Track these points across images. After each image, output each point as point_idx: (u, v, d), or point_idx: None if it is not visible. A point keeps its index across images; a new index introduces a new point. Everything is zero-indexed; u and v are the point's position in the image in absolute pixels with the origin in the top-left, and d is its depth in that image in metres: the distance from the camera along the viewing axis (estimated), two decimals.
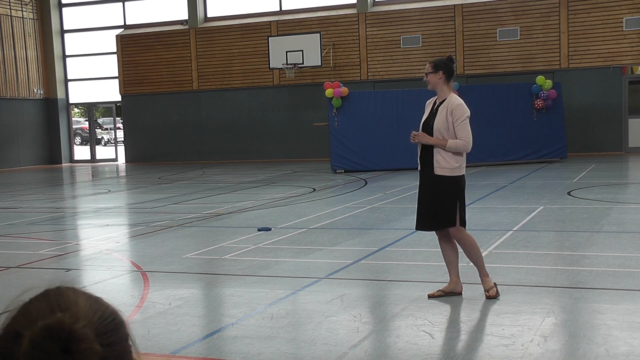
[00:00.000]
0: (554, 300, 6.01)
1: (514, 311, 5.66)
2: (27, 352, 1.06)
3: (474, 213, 11.17)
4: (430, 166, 6.12)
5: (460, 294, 6.18)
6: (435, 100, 6.28)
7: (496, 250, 8.10)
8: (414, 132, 6.23)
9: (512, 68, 23.30)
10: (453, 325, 5.46)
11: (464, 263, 6.76)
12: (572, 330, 5.23)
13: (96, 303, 1.16)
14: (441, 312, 5.76)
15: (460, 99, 6.20)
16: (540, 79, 20.11)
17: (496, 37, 23.45)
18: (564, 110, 20.85)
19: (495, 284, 6.13)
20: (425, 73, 6.24)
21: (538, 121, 20.14)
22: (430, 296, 6.15)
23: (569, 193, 13.19)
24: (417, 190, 6.36)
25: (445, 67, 6.15)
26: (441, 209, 6.09)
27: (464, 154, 6.16)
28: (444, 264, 6.37)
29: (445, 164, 6.05)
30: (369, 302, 6.29)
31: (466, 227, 6.25)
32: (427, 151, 6.17)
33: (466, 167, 6.36)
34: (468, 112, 6.12)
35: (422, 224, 6.29)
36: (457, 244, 6.26)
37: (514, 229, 9.56)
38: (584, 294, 6.17)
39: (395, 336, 5.31)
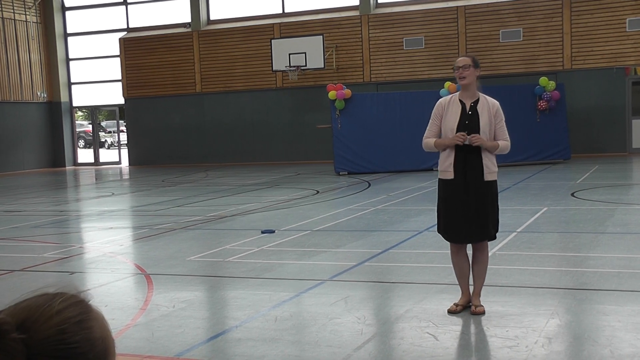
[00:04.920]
0: (558, 301, 6.00)
1: (518, 313, 5.65)
2: None
3: None
4: (479, 172, 5.69)
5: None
6: (461, 100, 5.77)
7: (500, 252, 8.09)
8: (463, 135, 5.60)
9: (515, 69, 23.28)
10: (457, 327, 5.45)
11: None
12: (577, 331, 5.22)
13: (75, 325, 1.14)
14: (445, 314, 5.75)
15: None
16: (543, 80, 20.09)
17: (499, 38, 23.44)
18: (567, 111, 20.83)
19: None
20: (464, 66, 5.67)
21: (541, 122, 20.13)
22: (450, 312, 5.74)
23: (572, 194, 13.17)
24: (453, 201, 5.75)
25: (480, 65, 5.85)
26: (492, 216, 5.77)
27: None
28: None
29: (494, 168, 5.76)
30: (373, 304, 6.28)
31: None
32: (472, 156, 5.67)
33: None
34: None
35: (472, 236, 5.78)
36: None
37: (518, 230, 9.55)
38: (589, 295, 6.16)
39: (399, 338, 5.30)
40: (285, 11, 26.35)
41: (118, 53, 28.39)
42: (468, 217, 5.70)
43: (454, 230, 5.78)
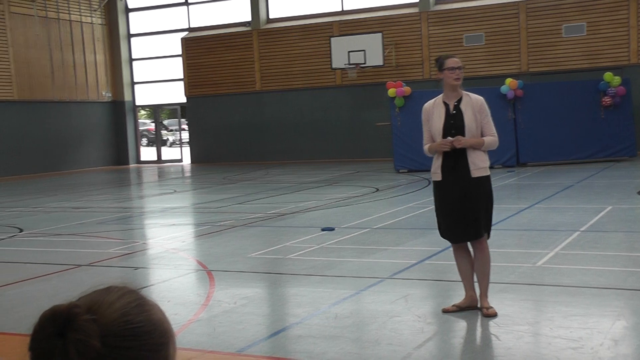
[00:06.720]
0: (624, 302, 5.87)
1: (583, 313, 5.55)
2: (35, 328, 1.16)
3: (539, 213, 10.99)
4: (465, 170, 5.71)
5: (477, 307, 5.80)
6: (444, 101, 5.89)
7: (563, 251, 7.95)
8: (449, 139, 5.67)
9: (578, 65, 22.78)
10: (519, 327, 5.38)
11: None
12: None
13: (135, 308, 1.20)
14: (507, 313, 5.68)
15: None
16: (608, 75, 19.61)
17: (561, 33, 22.98)
18: (633, 107, 20.28)
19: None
20: (459, 67, 5.92)
21: (605, 119, 19.66)
22: (445, 311, 5.79)
23: (638, 193, 12.83)
24: (444, 201, 5.83)
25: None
26: (484, 213, 5.74)
27: None
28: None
29: (482, 164, 5.73)
30: (434, 303, 6.24)
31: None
32: (457, 155, 5.72)
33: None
34: None
35: (467, 235, 5.77)
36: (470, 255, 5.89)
37: (582, 229, 9.36)
38: None
39: (460, 337, 5.27)
40: (344, 9, 26.36)
41: (180, 53, 28.86)
42: (459, 216, 5.75)
43: (448, 230, 5.86)
